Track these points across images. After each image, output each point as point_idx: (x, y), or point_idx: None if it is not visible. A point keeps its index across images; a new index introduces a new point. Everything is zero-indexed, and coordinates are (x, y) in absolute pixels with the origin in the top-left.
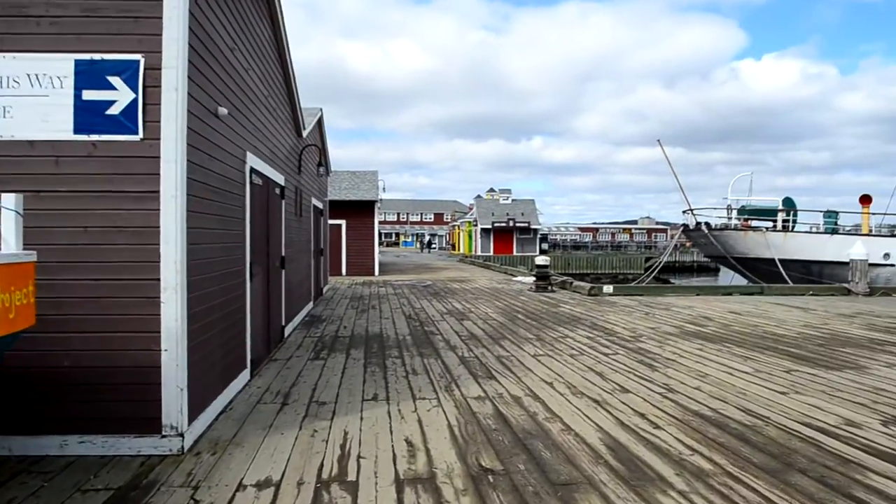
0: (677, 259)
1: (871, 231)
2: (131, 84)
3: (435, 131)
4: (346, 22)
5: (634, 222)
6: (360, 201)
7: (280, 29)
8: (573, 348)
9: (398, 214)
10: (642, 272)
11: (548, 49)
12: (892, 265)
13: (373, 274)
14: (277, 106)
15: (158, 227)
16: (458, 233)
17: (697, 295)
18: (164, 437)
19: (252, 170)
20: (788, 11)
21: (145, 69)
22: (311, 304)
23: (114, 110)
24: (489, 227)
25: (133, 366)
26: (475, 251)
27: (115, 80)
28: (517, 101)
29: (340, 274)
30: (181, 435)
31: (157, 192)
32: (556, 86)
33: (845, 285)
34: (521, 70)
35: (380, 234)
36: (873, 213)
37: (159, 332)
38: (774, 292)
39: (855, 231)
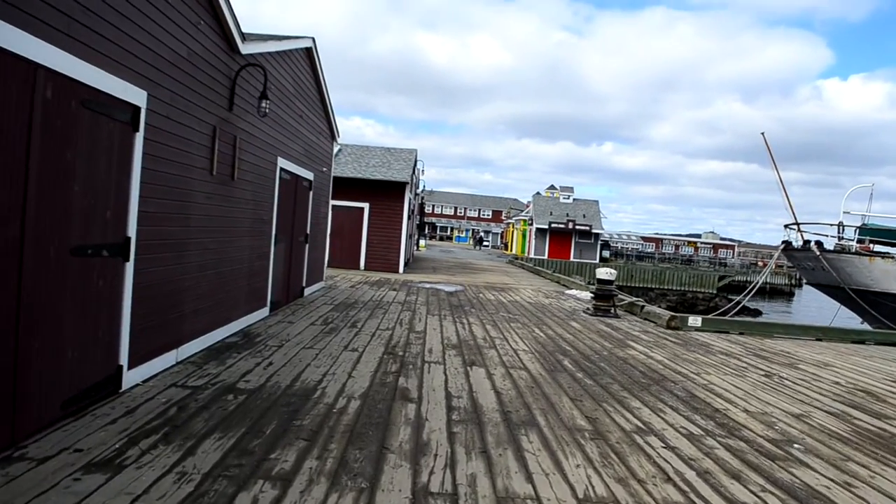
0: (748, 278)
1: None
2: None
3: (505, 129)
4: (426, 13)
5: (698, 236)
6: (388, 182)
7: None
8: (668, 478)
9: (455, 208)
10: (714, 292)
11: (628, 54)
12: None
13: (396, 270)
14: None
15: None
16: (512, 231)
17: (819, 340)
18: None
19: None
20: (882, 33)
21: None
22: (263, 312)
23: None
24: (545, 227)
25: None
26: (528, 252)
27: None
28: (591, 105)
29: (357, 268)
30: None
31: None
32: (633, 92)
33: None
34: (598, 73)
35: (434, 227)
36: None
37: None
38: None
39: None
